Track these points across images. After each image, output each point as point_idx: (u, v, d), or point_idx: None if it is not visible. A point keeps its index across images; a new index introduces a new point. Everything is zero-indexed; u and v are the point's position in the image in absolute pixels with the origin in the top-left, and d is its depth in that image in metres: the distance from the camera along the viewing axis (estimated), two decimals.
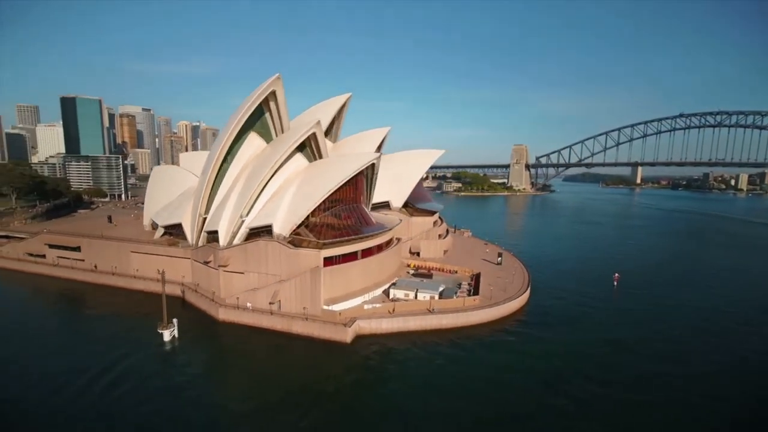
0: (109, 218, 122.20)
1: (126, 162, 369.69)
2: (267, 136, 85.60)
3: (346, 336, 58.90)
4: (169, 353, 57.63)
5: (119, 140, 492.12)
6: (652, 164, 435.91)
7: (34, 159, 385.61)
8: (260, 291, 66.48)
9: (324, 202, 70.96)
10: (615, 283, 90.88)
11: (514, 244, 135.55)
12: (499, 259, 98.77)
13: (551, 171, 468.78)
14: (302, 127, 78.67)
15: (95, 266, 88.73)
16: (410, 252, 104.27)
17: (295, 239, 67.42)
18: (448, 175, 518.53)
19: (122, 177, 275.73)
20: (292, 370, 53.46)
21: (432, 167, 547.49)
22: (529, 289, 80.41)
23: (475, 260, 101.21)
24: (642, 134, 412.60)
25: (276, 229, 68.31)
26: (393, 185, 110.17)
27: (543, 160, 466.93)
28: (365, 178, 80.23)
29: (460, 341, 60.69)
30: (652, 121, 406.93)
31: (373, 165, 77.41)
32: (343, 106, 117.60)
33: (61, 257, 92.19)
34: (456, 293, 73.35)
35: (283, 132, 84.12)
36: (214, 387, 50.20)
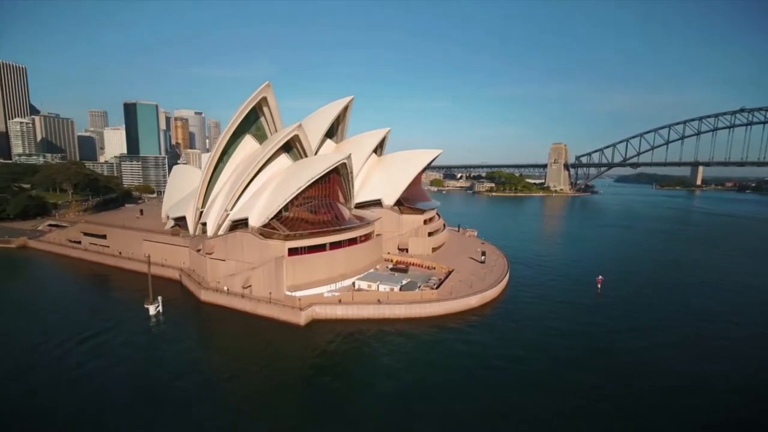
0: (141, 211, 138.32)
1: (178, 162, 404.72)
2: (262, 138, 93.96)
3: (300, 319, 65.12)
4: (146, 322, 67.42)
5: (173, 141, 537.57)
6: (707, 164, 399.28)
7: (101, 159, 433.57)
8: (236, 276, 74.60)
9: (297, 198, 77.68)
10: (599, 287, 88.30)
11: (520, 245, 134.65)
12: (483, 257, 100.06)
13: (592, 171, 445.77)
14: (286, 130, 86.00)
15: (119, 252, 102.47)
16: (399, 248, 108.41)
17: (266, 231, 74.65)
18: (483, 174, 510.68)
19: (167, 175, 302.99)
20: (249, 344, 61.06)
21: (466, 167, 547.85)
22: (498, 287, 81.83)
23: (461, 258, 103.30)
24: (695, 131, 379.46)
25: (251, 222, 76.10)
26: (387, 184, 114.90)
27: (584, 160, 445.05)
28: (341, 176, 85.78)
29: (398, 331, 64.17)
30: (708, 116, 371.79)
31: (345, 164, 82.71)
32: (346, 108, 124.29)
33: (92, 243, 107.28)
34: (419, 287, 76.93)
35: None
36: (175, 350, 58.17)
